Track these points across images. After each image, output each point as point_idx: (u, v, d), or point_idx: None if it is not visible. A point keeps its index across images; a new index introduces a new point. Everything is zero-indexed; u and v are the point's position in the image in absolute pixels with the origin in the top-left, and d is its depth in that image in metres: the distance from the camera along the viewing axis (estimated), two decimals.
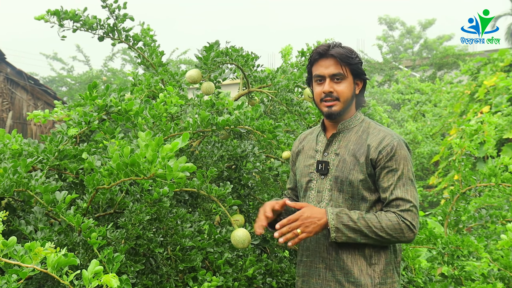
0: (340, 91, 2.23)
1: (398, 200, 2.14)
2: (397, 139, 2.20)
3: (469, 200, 3.70)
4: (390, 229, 2.10)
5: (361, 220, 2.10)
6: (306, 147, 2.43)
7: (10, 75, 14.78)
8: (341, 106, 2.25)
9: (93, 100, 2.62)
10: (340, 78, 2.23)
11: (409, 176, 2.18)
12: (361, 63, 2.28)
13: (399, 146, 2.19)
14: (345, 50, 2.23)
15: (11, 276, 1.49)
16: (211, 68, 3.22)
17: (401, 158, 2.17)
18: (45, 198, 2.09)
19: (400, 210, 2.12)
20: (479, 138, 3.84)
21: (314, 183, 2.30)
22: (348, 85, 2.25)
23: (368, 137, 2.24)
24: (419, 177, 12.26)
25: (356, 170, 2.20)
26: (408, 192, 2.15)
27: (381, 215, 2.12)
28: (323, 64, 2.24)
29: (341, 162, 2.24)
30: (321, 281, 2.23)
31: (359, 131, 2.29)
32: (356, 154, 2.22)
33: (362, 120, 2.34)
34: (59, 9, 3.25)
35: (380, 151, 2.17)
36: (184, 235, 2.43)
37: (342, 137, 2.30)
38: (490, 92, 8.26)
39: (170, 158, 1.75)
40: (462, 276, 3.22)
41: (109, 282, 1.51)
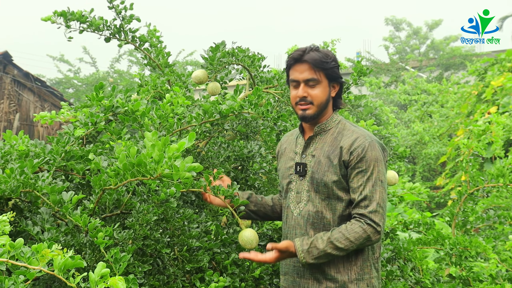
0: (314, 96, 2.28)
1: (366, 201, 2.18)
2: (369, 140, 2.24)
3: (476, 201, 3.69)
4: (357, 239, 2.15)
5: (329, 246, 2.16)
6: (287, 149, 2.49)
7: (17, 77, 14.84)
8: (315, 109, 2.30)
9: (100, 101, 2.62)
10: (314, 83, 2.27)
11: (379, 177, 2.22)
12: (337, 66, 2.32)
13: (371, 147, 2.22)
14: (320, 55, 2.26)
15: (18, 277, 1.49)
16: (217, 68, 3.21)
17: (371, 159, 2.21)
18: (52, 198, 2.09)
19: (368, 212, 2.16)
20: (487, 138, 3.83)
21: (294, 184, 2.37)
22: (322, 89, 2.29)
23: (342, 138, 2.28)
24: (426, 178, 12.24)
25: (330, 171, 2.25)
26: (377, 193, 2.19)
27: (347, 228, 2.17)
28: (298, 69, 2.29)
29: (316, 163, 2.30)
30: (300, 279, 2.31)
31: (335, 132, 2.33)
32: (330, 156, 2.27)
33: (339, 122, 2.37)
34: (65, 10, 3.26)
35: (351, 152, 2.22)
36: (191, 236, 2.43)
37: (319, 139, 2.35)
38: (497, 92, 8.23)
39: (177, 158, 1.75)
40: (470, 277, 3.20)
41: (115, 284, 1.50)
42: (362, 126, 3.26)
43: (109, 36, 3.45)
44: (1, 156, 2.38)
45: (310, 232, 2.28)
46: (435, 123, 13.51)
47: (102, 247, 1.94)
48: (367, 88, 16.38)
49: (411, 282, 3.06)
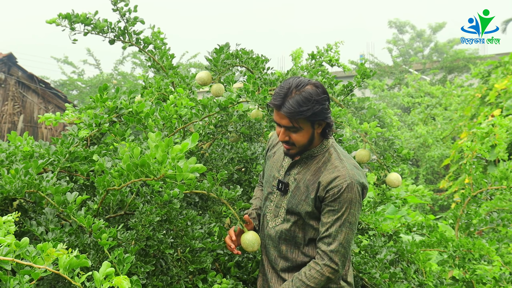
0: (295, 139, 2.25)
1: (330, 238, 2.22)
2: (348, 182, 2.20)
3: (480, 203, 3.69)
4: (318, 284, 2.22)
5: None
6: (275, 155, 2.50)
7: (21, 79, 14.88)
8: (297, 150, 2.29)
9: (104, 102, 2.63)
10: (295, 129, 2.22)
11: (348, 219, 2.22)
12: (320, 108, 2.20)
13: (348, 189, 2.20)
14: (299, 103, 2.16)
15: (23, 277, 1.50)
16: (221, 70, 3.22)
17: (345, 201, 2.20)
18: (56, 199, 2.10)
19: (330, 250, 2.21)
20: (490, 141, 3.83)
21: (274, 196, 2.41)
22: (303, 133, 2.24)
23: (323, 173, 2.27)
24: (430, 180, 12.22)
25: (306, 202, 2.28)
26: (342, 234, 2.21)
27: (306, 275, 2.24)
28: (278, 115, 2.23)
29: (296, 188, 2.32)
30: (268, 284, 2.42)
31: (320, 161, 2.32)
32: (309, 187, 2.28)
33: (327, 150, 2.34)
34: (70, 13, 3.27)
35: (327, 190, 2.22)
36: (194, 237, 2.44)
37: (304, 163, 2.35)
38: (501, 95, 8.22)
39: (180, 159, 1.76)
40: (473, 279, 3.20)
41: (120, 284, 1.51)
42: (365, 128, 3.27)
43: (114, 38, 3.46)
44: (6, 157, 2.39)
45: (282, 247, 2.36)
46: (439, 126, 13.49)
47: (106, 248, 1.95)
48: (371, 91, 16.40)
49: (414, 284, 3.06)
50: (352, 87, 3.67)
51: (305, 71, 4.08)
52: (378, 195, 3.64)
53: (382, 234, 3.62)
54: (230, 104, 2.86)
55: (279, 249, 2.36)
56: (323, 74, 3.82)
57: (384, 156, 3.41)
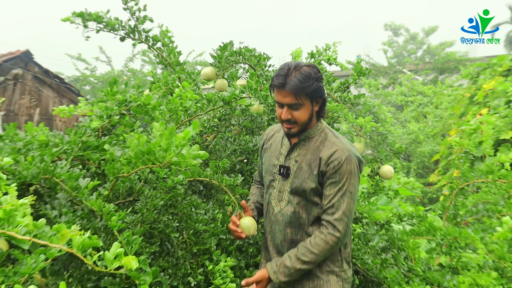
0: (297, 117, 2.27)
1: (333, 209, 2.24)
2: (346, 154, 2.25)
3: (467, 196, 3.70)
4: (322, 251, 2.23)
5: (296, 262, 2.25)
6: (273, 146, 2.51)
7: (37, 74, 14.89)
8: (298, 128, 2.32)
9: (114, 95, 2.64)
10: (297, 106, 2.25)
11: (349, 189, 2.25)
12: (319, 85, 2.26)
13: (347, 160, 2.24)
14: (300, 80, 2.21)
15: (38, 256, 1.51)
16: (225, 66, 3.23)
17: (345, 172, 2.23)
18: (69, 184, 2.11)
19: (334, 219, 2.22)
20: (478, 137, 3.84)
21: (277, 182, 2.41)
22: (305, 110, 2.28)
23: (322, 149, 2.30)
24: (420, 174, 12.22)
25: (310, 179, 2.29)
26: (344, 203, 2.23)
27: (311, 243, 2.25)
28: (281, 93, 2.25)
29: (298, 169, 2.34)
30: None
31: (318, 141, 2.35)
32: (311, 165, 2.30)
33: (322, 130, 2.38)
34: (83, 11, 3.28)
35: (328, 164, 2.24)
36: (198, 220, 2.45)
37: (303, 145, 2.37)
38: (488, 95, 8.21)
39: (183, 146, 1.77)
40: (459, 266, 3.22)
41: (129, 263, 1.53)
42: (361, 123, 3.28)
43: (124, 35, 3.47)
44: (23, 145, 2.40)
45: (287, 230, 2.37)
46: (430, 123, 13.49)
47: (116, 230, 1.96)
48: (366, 89, 16.37)
49: (404, 270, 3.08)
50: (349, 84, 3.68)
51: None
52: (372, 186, 3.65)
53: (374, 223, 3.63)
54: (233, 99, 2.87)
55: (285, 233, 2.36)
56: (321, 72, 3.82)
57: (378, 150, 3.42)
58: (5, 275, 1.53)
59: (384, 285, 2.87)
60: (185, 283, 2.28)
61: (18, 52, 14.59)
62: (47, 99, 15.19)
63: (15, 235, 1.35)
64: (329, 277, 2.32)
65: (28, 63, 14.74)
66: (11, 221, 1.34)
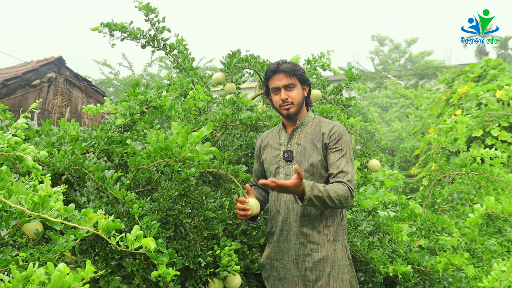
0: (293, 96, 2.38)
1: (342, 173, 2.26)
2: (343, 128, 2.37)
3: (443, 186, 3.69)
4: (342, 196, 2.19)
5: (325, 192, 2.16)
6: (270, 142, 2.54)
7: (68, 77, 14.91)
8: (295, 108, 2.40)
9: (136, 96, 2.63)
10: (291, 86, 2.37)
11: (350, 156, 2.32)
12: (304, 72, 2.43)
13: (344, 133, 2.34)
14: (291, 65, 2.37)
15: (69, 236, 1.51)
16: (233, 71, 3.22)
17: (345, 142, 2.32)
18: (96, 175, 2.11)
19: (346, 180, 2.24)
20: (453, 135, 3.82)
21: (282, 169, 2.42)
22: (298, 91, 2.40)
23: (321, 127, 2.38)
24: (403, 167, 12.20)
25: (315, 153, 2.33)
26: (350, 168, 2.28)
27: (335, 185, 2.22)
28: (276, 78, 2.39)
29: (302, 149, 2.37)
30: (288, 245, 2.38)
31: (313, 125, 2.43)
32: (314, 141, 2.36)
33: (313, 118, 2.47)
34: (110, 22, 3.27)
35: (330, 136, 2.32)
36: (208, 208, 2.45)
37: (300, 131, 2.44)
38: (462, 98, 8.19)
39: (197, 144, 1.77)
40: (436, 247, 3.21)
41: (148, 244, 1.52)
42: (352, 122, 3.27)
43: (145, 43, 3.46)
44: (57, 140, 2.40)
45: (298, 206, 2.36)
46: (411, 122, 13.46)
47: (137, 216, 1.96)
48: (356, 93, 16.34)
49: (388, 251, 3.07)
50: (341, 88, 3.67)
51: None
52: (361, 178, 3.64)
53: (363, 210, 3.63)
54: (249, 121, 2.91)
55: (297, 209, 2.36)
56: (317, 77, 3.82)
57: (366, 146, 3.41)
58: (40, 252, 1.53)
59: (371, 264, 2.87)
60: (195, 263, 2.28)
61: (52, 58, 14.62)
62: (77, 99, 15.20)
63: (48, 218, 1.34)
64: (336, 245, 2.33)
65: (60, 68, 14.76)
66: (45, 205, 1.34)
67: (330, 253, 2.31)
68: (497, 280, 2.21)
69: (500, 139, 6.64)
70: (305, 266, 2.32)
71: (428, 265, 2.94)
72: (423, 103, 13.08)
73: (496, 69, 8.13)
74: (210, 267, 2.35)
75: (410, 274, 2.82)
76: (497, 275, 2.23)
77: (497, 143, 6.53)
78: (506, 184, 3.42)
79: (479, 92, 7.48)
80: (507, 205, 3.03)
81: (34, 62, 14.79)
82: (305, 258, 2.32)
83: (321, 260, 2.30)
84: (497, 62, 8.36)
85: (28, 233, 1.95)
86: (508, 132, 6.73)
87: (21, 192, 1.33)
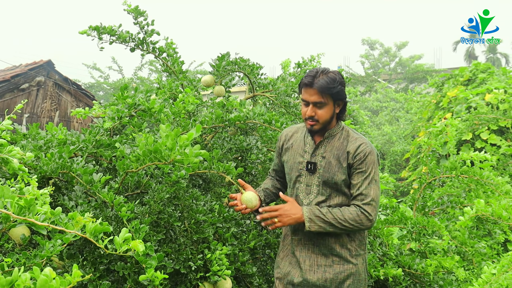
0: (320, 115, 2.25)
1: (362, 195, 2.21)
2: (369, 147, 2.26)
3: (433, 189, 3.70)
4: (351, 220, 2.17)
5: (328, 214, 2.19)
6: (295, 145, 2.45)
7: (58, 81, 14.82)
8: (320, 126, 2.29)
9: (124, 99, 2.62)
10: (321, 105, 2.24)
11: (374, 177, 2.24)
12: (342, 89, 2.26)
13: (371, 153, 2.25)
14: (327, 81, 2.21)
15: (56, 241, 1.50)
16: (223, 74, 3.22)
17: (370, 162, 2.23)
18: (84, 178, 2.09)
19: (363, 203, 2.19)
20: (443, 138, 3.84)
21: (303, 178, 2.35)
22: (328, 109, 2.26)
23: (348, 144, 2.29)
24: (393, 171, 12.25)
25: (340, 172, 2.26)
26: (371, 190, 2.22)
27: (344, 209, 2.21)
28: (308, 92, 2.25)
29: (327, 164, 2.29)
30: (310, 254, 2.32)
31: (341, 138, 2.33)
32: (339, 159, 2.27)
33: (343, 128, 2.37)
34: (98, 25, 3.25)
35: (355, 156, 2.24)
36: (198, 211, 2.43)
37: (327, 143, 2.33)
38: (452, 101, 8.24)
39: (187, 146, 1.76)
40: (426, 250, 3.22)
41: (136, 246, 1.51)
42: None
43: (134, 47, 3.44)
44: (44, 143, 2.38)
45: None
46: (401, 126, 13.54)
47: (125, 219, 1.94)
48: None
49: (379, 254, 3.07)
50: None
51: (292, 77, 4.08)
52: None
53: None
54: (237, 122, 2.86)
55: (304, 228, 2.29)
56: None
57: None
58: (26, 257, 1.51)
59: None
60: (186, 267, 2.26)
61: (41, 62, 14.54)
62: (66, 103, 15.12)
63: (34, 221, 1.33)
64: (358, 260, 2.31)
65: (49, 72, 14.68)
66: (31, 209, 1.32)
67: (352, 267, 2.29)
68: (487, 282, 2.22)
69: (490, 142, 6.69)
70: (325, 277, 2.28)
71: (419, 268, 2.94)
72: (413, 106, 13.17)
73: (485, 73, 8.20)
74: (200, 271, 2.34)
75: (401, 277, 2.82)
76: (487, 278, 2.23)
77: (487, 146, 6.58)
78: (495, 187, 3.44)
79: (469, 96, 7.53)
80: (496, 207, 3.04)
81: (23, 66, 14.70)
82: (326, 269, 2.29)
83: (341, 272, 2.28)
84: (486, 66, 8.44)
85: (15, 238, 1.93)
86: (497, 135, 6.78)
87: (7, 196, 1.31)
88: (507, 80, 7.45)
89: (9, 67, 15.35)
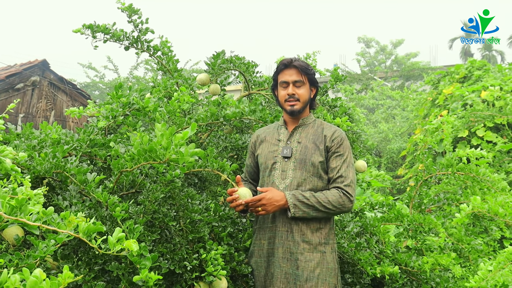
0: (300, 94, 2.41)
1: (342, 177, 2.31)
2: (344, 133, 2.43)
3: (430, 186, 3.70)
4: (334, 202, 2.26)
5: (312, 198, 2.26)
6: (268, 137, 2.54)
7: (53, 81, 14.77)
8: (300, 105, 2.42)
9: (119, 98, 2.60)
10: (300, 84, 2.40)
11: (351, 161, 2.38)
12: (315, 74, 2.47)
13: (345, 138, 2.41)
14: (304, 64, 2.41)
15: (50, 241, 1.48)
16: (218, 72, 3.20)
17: (346, 147, 2.38)
18: (78, 178, 2.08)
19: (344, 185, 2.29)
20: (439, 135, 3.84)
21: (278, 164, 2.42)
22: (306, 90, 2.43)
23: (323, 130, 2.43)
24: (389, 168, 12.27)
25: (317, 154, 2.36)
26: (350, 172, 2.34)
27: (326, 192, 2.29)
28: (287, 73, 2.41)
29: (303, 148, 2.39)
30: (283, 241, 2.36)
31: (315, 126, 2.47)
32: (316, 142, 2.39)
33: (315, 120, 2.52)
34: (92, 24, 3.23)
35: (333, 140, 2.37)
36: (194, 210, 2.42)
37: (302, 130, 2.46)
38: (448, 99, 8.25)
39: (182, 145, 1.74)
40: (423, 248, 3.22)
41: (130, 246, 1.50)
42: (338, 123, 3.26)
43: (128, 45, 3.42)
44: (38, 143, 2.37)
45: None
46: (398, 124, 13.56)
47: (119, 219, 1.93)
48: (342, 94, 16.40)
49: (376, 252, 3.06)
50: (327, 88, 3.67)
51: None
52: None
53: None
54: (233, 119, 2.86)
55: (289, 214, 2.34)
56: None
57: (353, 146, 3.41)
58: (19, 258, 1.49)
59: (358, 265, 2.86)
60: (181, 267, 2.25)
61: (36, 61, 14.48)
62: (61, 103, 15.06)
63: (26, 222, 1.31)
64: (326, 248, 2.34)
65: (45, 71, 14.62)
66: (23, 209, 1.31)
67: (321, 255, 2.32)
68: (483, 279, 2.22)
69: (486, 139, 6.70)
70: (297, 264, 2.30)
71: (415, 265, 2.94)
72: (409, 104, 13.17)
73: (481, 70, 8.21)
74: (196, 271, 2.32)
75: (398, 275, 2.81)
76: (484, 275, 2.23)
77: (483, 143, 6.59)
78: (491, 184, 3.44)
79: (465, 93, 7.54)
80: (493, 204, 3.05)
81: (17, 66, 14.62)
82: (298, 256, 2.31)
83: (311, 260, 2.31)
84: (481, 63, 8.45)
85: (8, 239, 1.91)
86: (493, 132, 6.79)
87: None
88: (502, 77, 7.46)
89: (3, 67, 15.27)
